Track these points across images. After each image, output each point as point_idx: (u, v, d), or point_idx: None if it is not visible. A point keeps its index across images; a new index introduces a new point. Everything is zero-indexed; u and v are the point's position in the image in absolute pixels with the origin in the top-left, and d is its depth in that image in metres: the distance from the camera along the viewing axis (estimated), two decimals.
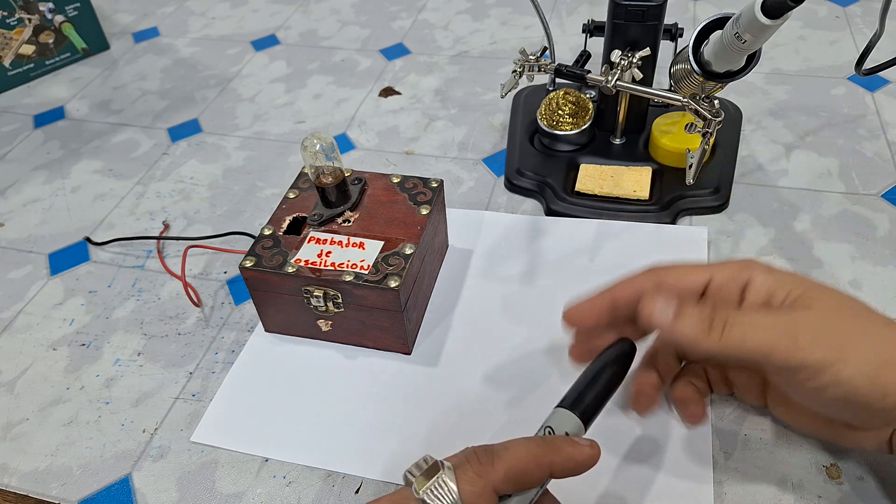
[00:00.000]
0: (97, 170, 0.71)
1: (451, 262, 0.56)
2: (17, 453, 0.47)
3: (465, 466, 0.31)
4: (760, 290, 0.35)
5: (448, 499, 0.29)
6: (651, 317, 0.34)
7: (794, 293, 0.34)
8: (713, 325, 0.33)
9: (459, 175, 0.66)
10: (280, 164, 0.69)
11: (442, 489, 0.30)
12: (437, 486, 0.30)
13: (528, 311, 0.52)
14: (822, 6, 0.85)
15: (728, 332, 0.33)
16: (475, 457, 0.31)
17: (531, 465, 0.31)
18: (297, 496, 0.43)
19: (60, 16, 0.85)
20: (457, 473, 0.30)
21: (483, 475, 0.30)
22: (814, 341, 0.32)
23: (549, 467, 0.32)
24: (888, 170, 0.62)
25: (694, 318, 0.34)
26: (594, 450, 0.33)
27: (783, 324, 0.33)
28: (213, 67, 0.86)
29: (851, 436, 0.37)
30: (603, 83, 0.54)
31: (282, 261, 0.47)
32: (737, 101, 0.69)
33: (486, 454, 0.31)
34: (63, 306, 0.57)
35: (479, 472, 0.30)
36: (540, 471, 0.31)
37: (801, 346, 0.32)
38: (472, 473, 0.30)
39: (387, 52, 0.85)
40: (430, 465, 0.31)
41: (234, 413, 0.47)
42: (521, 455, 0.31)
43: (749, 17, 0.40)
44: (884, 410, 0.32)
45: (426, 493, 0.30)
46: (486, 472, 0.30)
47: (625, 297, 0.38)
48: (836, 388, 0.32)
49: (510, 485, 0.31)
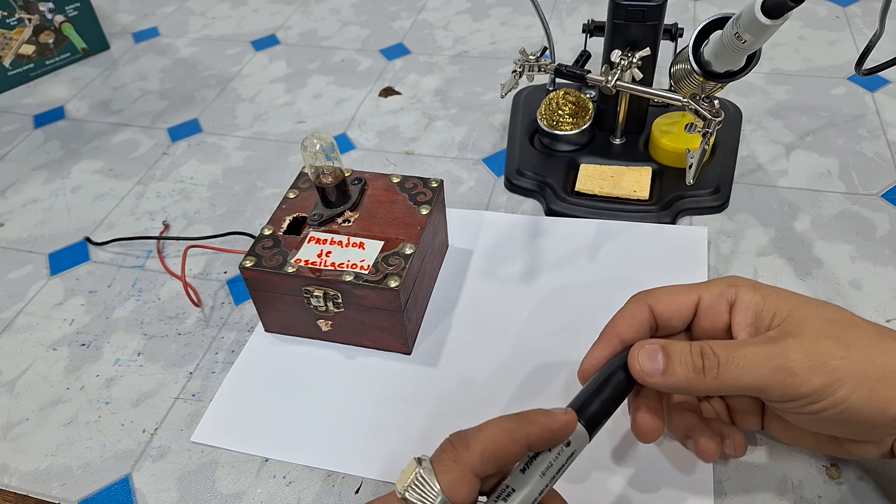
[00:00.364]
0: (97, 170, 0.71)
1: (451, 262, 0.56)
2: (17, 453, 0.47)
3: (441, 456, 0.31)
4: (748, 310, 0.36)
5: (430, 494, 0.30)
6: (642, 374, 0.34)
7: (781, 313, 0.34)
8: (706, 368, 0.33)
9: (459, 175, 0.66)
10: (280, 164, 0.69)
11: (423, 485, 0.30)
12: (416, 482, 0.30)
13: (528, 311, 0.52)
14: (822, 6, 0.85)
15: (721, 375, 0.33)
16: (449, 444, 0.31)
17: (506, 441, 0.31)
18: (297, 496, 0.43)
19: (60, 16, 0.85)
20: (434, 466, 0.31)
21: (459, 460, 0.30)
22: (808, 369, 0.32)
23: (526, 440, 0.32)
24: (888, 170, 0.62)
25: (685, 369, 0.33)
26: (569, 416, 0.33)
27: (776, 356, 0.32)
28: (213, 67, 0.86)
29: (854, 449, 0.36)
30: (603, 83, 0.54)
31: (282, 261, 0.47)
32: (737, 101, 0.69)
33: (459, 439, 0.31)
34: (63, 306, 0.57)
35: (455, 458, 0.31)
36: (516, 446, 0.31)
37: (796, 377, 0.32)
38: (448, 462, 0.30)
39: (387, 52, 0.85)
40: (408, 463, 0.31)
41: (234, 413, 0.47)
42: (494, 433, 0.31)
43: (749, 17, 0.40)
44: (884, 424, 0.32)
45: (408, 492, 0.30)
46: (461, 456, 0.31)
47: (629, 333, 0.37)
48: (835, 410, 0.32)
49: (488, 464, 0.31)
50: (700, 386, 0.33)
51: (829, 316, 0.34)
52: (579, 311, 0.52)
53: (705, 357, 0.33)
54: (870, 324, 0.34)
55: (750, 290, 0.36)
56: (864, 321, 0.34)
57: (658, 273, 0.54)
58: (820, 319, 0.34)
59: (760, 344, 0.33)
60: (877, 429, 0.33)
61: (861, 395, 0.31)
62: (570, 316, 0.51)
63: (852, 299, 0.51)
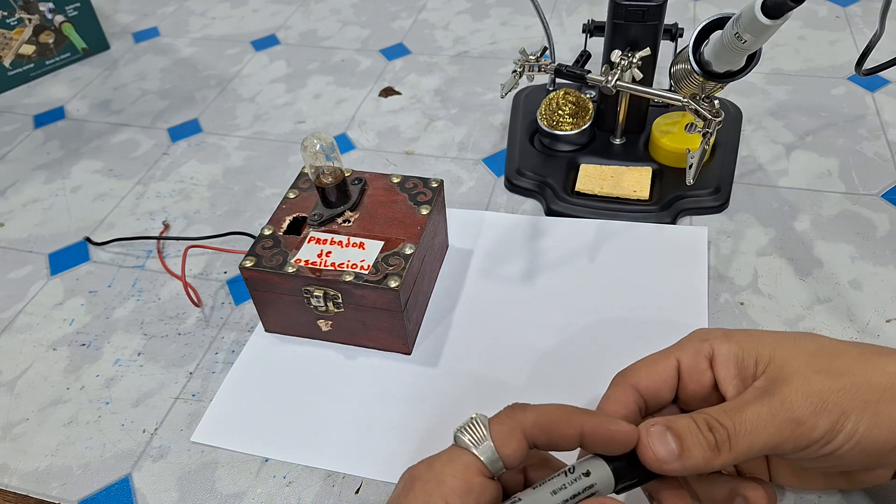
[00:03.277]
0: (97, 170, 0.71)
1: (451, 262, 0.56)
2: (17, 453, 0.47)
3: (498, 414, 0.33)
4: (729, 363, 0.35)
5: (478, 434, 0.32)
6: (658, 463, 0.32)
7: (763, 358, 0.34)
8: (718, 446, 0.32)
9: (459, 175, 0.66)
10: (280, 165, 0.69)
11: (475, 428, 0.32)
12: (470, 424, 0.32)
13: (528, 311, 0.52)
14: (822, 6, 0.85)
15: (735, 446, 0.32)
16: (509, 407, 0.33)
17: (562, 419, 0.32)
18: (298, 496, 0.43)
19: (60, 16, 0.85)
20: (491, 418, 0.33)
21: (513, 417, 0.32)
22: (813, 413, 0.31)
23: (581, 427, 0.32)
24: (888, 170, 0.62)
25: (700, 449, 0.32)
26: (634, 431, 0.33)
27: (778, 410, 0.32)
28: (214, 67, 0.86)
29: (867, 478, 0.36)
30: (603, 83, 0.54)
31: (282, 261, 0.47)
32: (737, 101, 0.69)
33: (518, 404, 0.33)
34: (63, 306, 0.57)
35: (510, 415, 0.33)
36: (570, 427, 0.32)
37: (804, 424, 0.31)
38: (503, 417, 0.33)
39: (387, 53, 0.85)
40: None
41: (234, 413, 0.47)
42: (553, 409, 0.33)
43: (749, 17, 0.40)
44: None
45: (460, 432, 0.32)
46: (515, 415, 0.33)
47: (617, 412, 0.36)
48: (851, 444, 0.31)
49: (540, 432, 0.32)
50: (716, 463, 0.32)
51: (810, 348, 0.34)
52: (579, 311, 0.52)
53: (714, 430, 0.32)
54: (849, 344, 0.34)
55: (724, 340, 0.36)
56: (843, 343, 0.34)
57: (658, 273, 0.54)
58: (802, 355, 0.33)
59: (758, 401, 0.33)
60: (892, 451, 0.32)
61: (868, 422, 0.31)
62: (571, 316, 0.51)
63: (852, 299, 0.51)
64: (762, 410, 0.32)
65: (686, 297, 0.52)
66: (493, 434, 0.32)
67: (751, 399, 0.33)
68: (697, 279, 0.53)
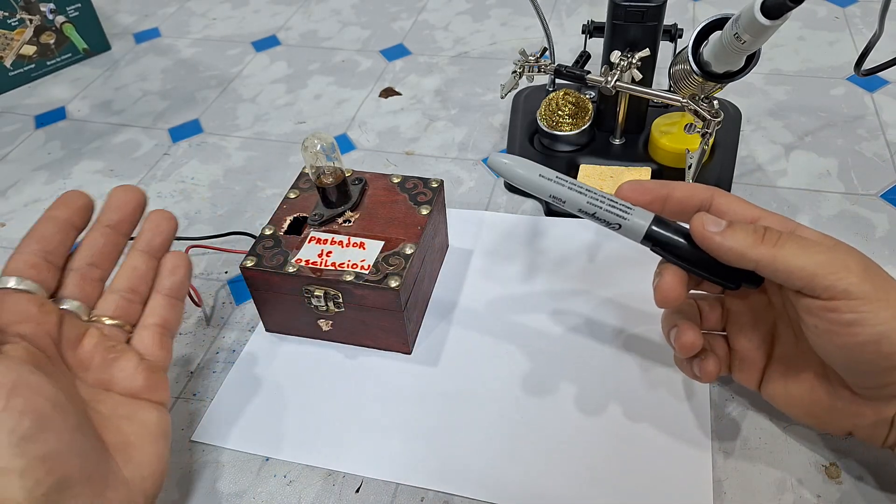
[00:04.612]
0: (98, 170, 0.71)
1: (451, 262, 0.57)
2: None
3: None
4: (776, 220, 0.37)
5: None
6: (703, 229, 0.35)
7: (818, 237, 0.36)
8: (766, 237, 0.34)
9: (459, 175, 0.66)
10: (281, 165, 0.69)
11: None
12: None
13: (528, 310, 0.52)
14: (822, 7, 0.86)
15: (782, 243, 0.34)
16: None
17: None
18: (298, 495, 0.43)
19: (61, 16, 0.85)
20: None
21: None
22: (863, 274, 0.32)
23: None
24: (887, 170, 0.62)
25: (746, 231, 0.34)
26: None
27: (836, 248, 0.34)
28: (214, 68, 0.86)
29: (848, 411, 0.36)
30: (602, 84, 0.54)
31: (282, 261, 0.47)
32: (736, 101, 0.70)
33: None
34: None
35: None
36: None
37: (850, 273, 0.32)
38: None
39: (387, 53, 0.85)
40: None
41: (234, 412, 0.48)
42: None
43: (748, 17, 0.40)
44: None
45: None
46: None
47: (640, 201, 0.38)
48: (872, 329, 0.32)
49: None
50: (755, 253, 0.34)
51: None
52: (579, 311, 0.52)
53: (767, 229, 0.34)
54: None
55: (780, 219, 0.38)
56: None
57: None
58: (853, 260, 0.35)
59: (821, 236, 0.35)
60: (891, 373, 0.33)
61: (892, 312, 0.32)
62: (570, 316, 0.51)
63: None
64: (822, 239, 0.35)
65: None
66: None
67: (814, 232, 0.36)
68: None
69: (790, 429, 0.43)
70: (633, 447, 0.43)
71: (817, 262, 0.33)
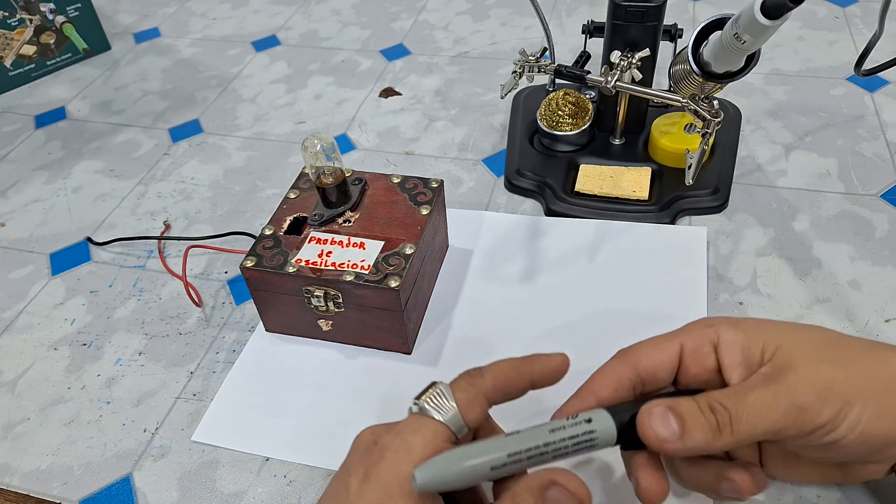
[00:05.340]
0: (98, 170, 0.71)
1: (451, 262, 0.57)
2: (18, 453, 0.47)
3: (458, 381, 0.34)
4: (734, 349, 0.35)
5: (446, 405, 0.33)
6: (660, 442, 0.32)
7: (770, 347, 0.34)
8: (720, 426, 0.32)
9: (459, 175, 0.66)
10: (281, 165, 0.69)
11: (440, 398, 0.33)
12: (434, 395, 0.33)
13: (528, 311, 0.52)
14: (822, 7, 0.86)
15: (737, 427, 0.32)
16: (466, 373, 0.35)
17: (514, 374, 0.35)
18: (298, 495, 0.43)
19: (61, 16, 0.85)
20: (451, 386, 0.34)
21: (474, 385, 0.34)
22: (817, 401, 0.31)
23: (530, 376, 0.35)
24: (887, 170, 0.62)
25: (702, 428, 0.32)
26: (564, 358, 0.36)
27: (783, 396, 0.32)
28: (214, 68, 0.86)
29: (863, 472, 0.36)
30: (602, 84, 0.54)
31: (282, 261, 0.47)
32: (736, 101, 0.70)
33: (474, 369, 0.35)
34: (64, 306, 0.57)
35: (471, 382, 0.34)
36: (522, 380, 0.35)
37: (807, 412, 0.31)
38: (464, 384, 0.34)
39: (387, 53, 0.85)
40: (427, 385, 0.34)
41: (234, 412, 0.48)
42: (504, 367, 0.35)
43: (748, 17, 0.40)
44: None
45: (426, 402, 0.33)
46: (476, 382, 0.34)
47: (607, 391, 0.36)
48: (854, 434, 0.31)
49: (498, 393, 0.34)
50: (717, 444, 0.32)
51: (817, 339, 0.34)
52: (579, 311, 0.52)
53: (716, 412, 0.32)
54: (856, 339, 0.34)
55: (730, 327, 0.35)
56: (850, 337, 0.34)
57: (657, 273, 0.54)
58: (810, 345, 0.33)
59: (763, 386, 0.32)
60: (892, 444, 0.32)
61: (872, 412, 0.31)
62: (570, 316, 0.51)
63: (851, 299, 0.51)
64: (767, 395, 0.32)
65: (685, 297, 0.52)
66: (459, 403, 0.33)
67: (756, 384, 0.33)
68: (697, 279, 0.53)
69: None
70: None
71: (774, 420, 0.31)
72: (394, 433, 0.32)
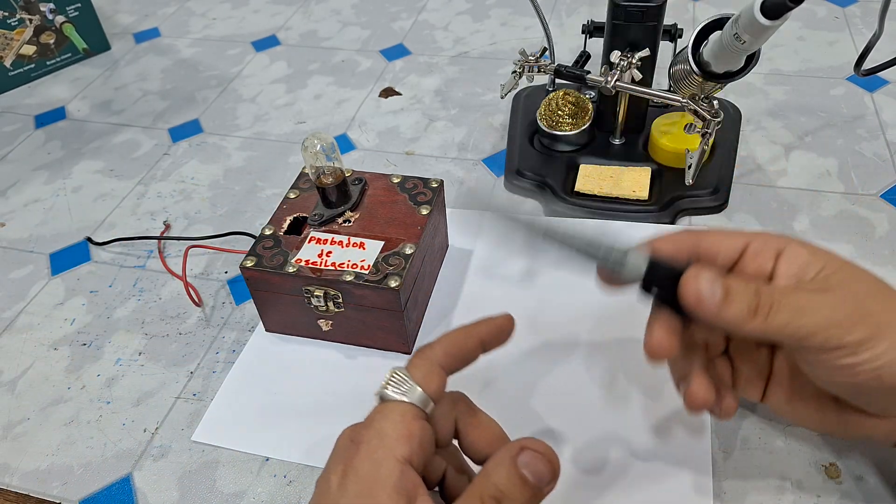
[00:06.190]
0: (98, 170, 0.71)
1: (451, 262, 0.57)
2: (18, 453, 0.47)
3: (411, 361, 0.35)
4: (795, 261, 0.35)
5: (405, 385, 0.33)
6: (698, 300, 0.33)
7: (828, 270, 0.35)
8: (759, 308, 0.33)
9: (459, 175, 0.66)
10: (281, 165, 0.69)
11: (399, 381, 0.34)
12: (393, 380, 0.34)
13: (528, 311, 0.52)
14: (822, 7, 0.86)
15: (773, 315, 0.33)
16: (417, 351, 0.36)
17: (462, 339, 0.36)
18: (298, 495, 0.43)
19: (61, 16, 0.85)
20: (407, 368, 0.34)
21: (426, 358, 0.35)
22: (854, 321, 0.32)
23: (478, 336, 0.36)
24: (887, 170, 0.62)
25: (741, 302, 0.33)
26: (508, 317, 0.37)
27: (824, 306, 0.33)
28: (214, 68, 0.86)
29: (861, 425, 0.36)
30: (602, 84, 0.54)
31: (282, 261, 0.47)
32: (736, 101, 0.70)
33: (423, 346, 0.36)
34: (64, 306, 0.57)
35: (422, 356, 0.35)
36: (471, 342, 0.36)
37: (841, 326, 0.32)
38: (417, 361, 0.35)
39: (387, 53, 0.85)
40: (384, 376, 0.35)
41: (234, 412, 0.48)
42: (451, 335, 0.36)
43: (748, 17, 0.40)
44: None
45: (386, 389, 0.34)
46: (426, 354, 0.35)
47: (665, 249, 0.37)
48: (872, 366, 0.32)
49: (451, 359, 0.35)
50: (747, 326, 0.33)
51: (874, 280, 0.35)
52: (578, 311, 0.52)
53: (760, 296, 0.33)
54: None
55: (799, 244, 0.36)
56: None
57: None
58: (865, 281, 0.34)
59: (809, 291, 0.33)
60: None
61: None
62: (570, 316, 0.51)
63: None
64: (809, 299, 0.33)
65: None
66: (416, 378, 0.34)
67: (802, 287, 0.34)
68: None
69: (790, 429, 0.43)
70: (632, 446, 0.43)
71: (809, 325, 0.32)
72: (363, 426, 0.33)
